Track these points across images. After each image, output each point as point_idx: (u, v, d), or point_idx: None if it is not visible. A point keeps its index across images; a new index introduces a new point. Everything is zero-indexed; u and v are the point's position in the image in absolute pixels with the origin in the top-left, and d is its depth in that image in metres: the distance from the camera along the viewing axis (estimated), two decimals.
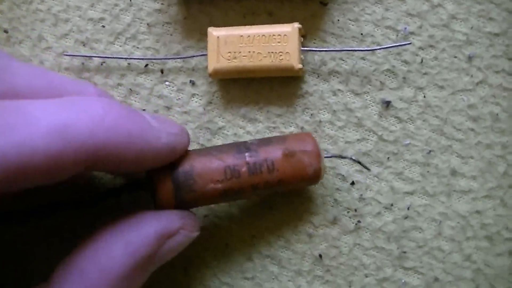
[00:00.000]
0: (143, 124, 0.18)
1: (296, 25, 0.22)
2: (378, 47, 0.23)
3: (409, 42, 0.23)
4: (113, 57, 0.24)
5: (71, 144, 0.16)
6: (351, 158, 0.22)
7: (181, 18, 0.24)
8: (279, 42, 0.22)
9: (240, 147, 0.20)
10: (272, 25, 0.23)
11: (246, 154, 0.20)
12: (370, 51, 0.23)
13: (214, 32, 0.23)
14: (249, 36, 0.22)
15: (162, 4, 0.24)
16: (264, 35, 0.22)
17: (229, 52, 0.22)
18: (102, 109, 0.17)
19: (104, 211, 0.23)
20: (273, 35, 0.22)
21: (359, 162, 0.22)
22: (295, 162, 0.20)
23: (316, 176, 0.21)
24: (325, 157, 0.22)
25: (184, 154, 0.20)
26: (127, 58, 0.24)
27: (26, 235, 0.23)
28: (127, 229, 0.18)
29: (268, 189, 0.20)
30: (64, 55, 0.25)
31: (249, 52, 0.22)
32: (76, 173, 0.17)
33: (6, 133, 0.15)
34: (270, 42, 0.22)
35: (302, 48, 0.23)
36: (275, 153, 0.20)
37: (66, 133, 0.16)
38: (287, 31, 0.22)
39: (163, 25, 0.24)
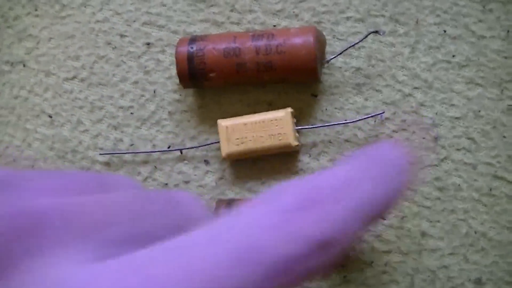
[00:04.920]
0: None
1: (289, 109, 0.27)
2: (351, 120, 0.28)
3: (382, 112, 0.27)
4: (139, 152, 0.29)
5: None
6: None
7: (197, 107, 0.29)
8: (276, 126, 0.27)
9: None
10: (269, 111, 0.27)
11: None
12: (353, 134, 0.28)
13: (223, 123, 0.27)
14: (252, 123, 0.27)
15: (180, 95, 0.29)
16: (263, 121, 0.27)
17: (237, 138, 0.27)
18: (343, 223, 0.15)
19: None
20: (271, 120, 0.27)
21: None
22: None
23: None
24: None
25: None
26: (151, 152, 0.29)
27: None
28: None
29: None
30: (100, 154, 0.29)
31: (253, 136, 0.27)
32: None
33: None
34: (269, 127, 0.27)
35: (296, 128, 0.28)
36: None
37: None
38: (282, 116, 0.27)
39: (181, 113, 0.29)
